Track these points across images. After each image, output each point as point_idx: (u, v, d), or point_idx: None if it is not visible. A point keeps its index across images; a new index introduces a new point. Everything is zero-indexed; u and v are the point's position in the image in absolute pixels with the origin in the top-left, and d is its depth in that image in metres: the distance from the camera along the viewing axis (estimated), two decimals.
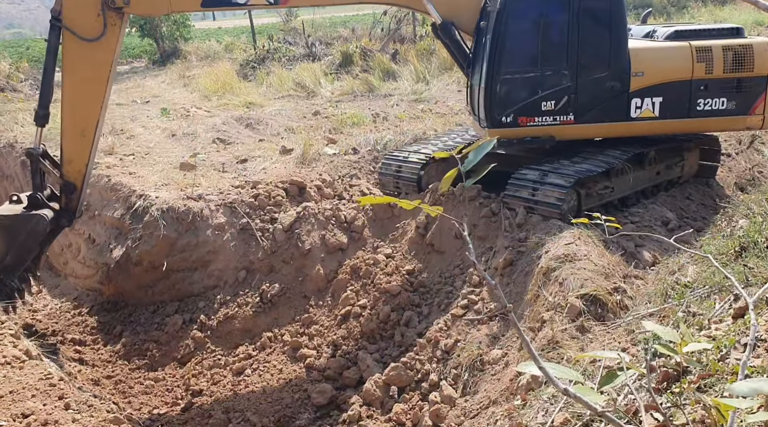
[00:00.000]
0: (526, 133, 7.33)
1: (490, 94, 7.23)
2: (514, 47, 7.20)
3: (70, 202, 7.10)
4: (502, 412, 4.70)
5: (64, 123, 6.83)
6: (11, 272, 6.93)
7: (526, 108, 7.27)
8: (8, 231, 6.81)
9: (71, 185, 7.01)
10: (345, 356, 6.88)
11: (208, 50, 25.82)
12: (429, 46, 18.67)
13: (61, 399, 4.39)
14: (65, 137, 6.90)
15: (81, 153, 6.93)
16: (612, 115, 7.42)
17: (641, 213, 7.25)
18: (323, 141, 10.73)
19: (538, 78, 7.25)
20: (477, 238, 7.12)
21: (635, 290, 5.57)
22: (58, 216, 7.03)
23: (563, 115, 7.33)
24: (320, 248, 7.82)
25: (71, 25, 6.50)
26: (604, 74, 7.27)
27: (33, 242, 6.91)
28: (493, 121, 7.27)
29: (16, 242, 6.83)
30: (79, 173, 7.02)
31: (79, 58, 6.63)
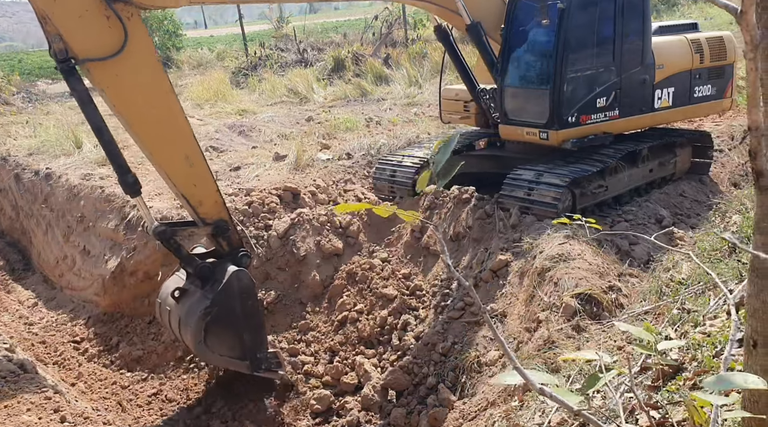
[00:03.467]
0: (587, 131, 7.39)
1: (558, 94, 7.17)
2: (578, 45, 7.21)
3: (231, 239, 6.12)
4: (499, 413, 4.69)
5: (162, 165, 5.56)
6: (261, 344, 6.23)
7: (585, 106, 7.33)
8: (222, 318, 5.86)
9: (221, 223, 5.95)
10: (343, 362, 6.86)
11: (200, 59, 25.86)
12: (421, 49, 18.73)
13: (57, 412, 4.37)
14: (177, 180, 5.61)
15: (205, 184, 5.78)
16: (642, 107, 7.76)
17: (635, 211, 7.27)
18: (317, 147, 10.73)
19: (595, 75, 7.33)
20: (472, 240, 7.12)
21: (630, 289, 5.58)
22: (236, 261, 6.08)
23: (612, 111, 7.48)
24: (316, 254, 7.81)
25: (87, 51, 5.01)
26: (638, 68, 7.48)
27: (253, 300, 6.08)
28: (561, 122, 7.23)
29: (239, 318, 5.98)
30: (218, 204, 5.93)
31: (121, 82, 5.17)
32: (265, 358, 6.24)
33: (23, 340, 7.84)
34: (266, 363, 6.24)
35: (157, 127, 5.42)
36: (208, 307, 5.80)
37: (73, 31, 4.93)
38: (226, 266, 6.01)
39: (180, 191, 5.73)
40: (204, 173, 5.77)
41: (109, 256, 8.45)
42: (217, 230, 5.99)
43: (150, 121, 5.37)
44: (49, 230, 10.14)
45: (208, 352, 5.95)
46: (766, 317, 1.66)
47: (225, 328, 5.95)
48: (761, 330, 1.67)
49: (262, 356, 6.21)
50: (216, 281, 5.92)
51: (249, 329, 6.10)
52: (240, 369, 6.30)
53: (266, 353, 6.28)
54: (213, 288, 5.90)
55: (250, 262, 6.40)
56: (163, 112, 5.42)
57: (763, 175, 1.48)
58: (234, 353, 6.10)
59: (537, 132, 7.36)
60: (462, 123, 9.30)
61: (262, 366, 6.22)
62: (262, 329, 6.31)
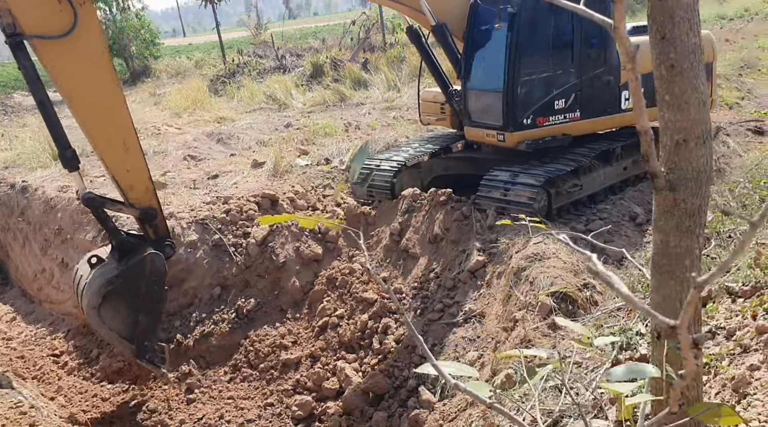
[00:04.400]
0: (545, 133, 7.44)
1: (511, 97, 7.24)
2: (531, 48, 7.28)
3: (157, 228, 6.17)
4: (477, 413, 4.73)
5: (99, 147, 5.70)
6: (153, 333, 6.24)
7: (542, 108, 7.39)
8: (126, 292, 5.92)
9: (149, 210, 6.01)
10: (324, 367, 6.86)
11: (178, 67, 25.76)
12: (399, 53, 18.80)
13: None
14: (109, 163, 5.74)
15: (137, 170, 5.88)
16: (608, 108, 7.78)
17: (609, 209, 7.36)
18: (295, 153, 10.73)
19: (551, 77, 7.38)
20: (450, 242, 7.16)
21: (604, 286, 5.64)
22: (157, 248, 6.11)
23: (572, 112, 7.50)
24: (295, 260, 7.81)
25: (35, 28, 5.13)
26: (601, 69, 7.52)
27: (160, 287, 6.11)
28: (515, 125, 7.32)
29: (141, 298, 6.01)
30: (148, 191, 6.01)
31: (66, 63, 5.32)
32: (152, 349, 6.27)
33: (1, 355, 7.76)
34: (151, 354, 6.27)
35: (96, 111, 5.56)
36: (115, 277, 5.87)
37: (22, 7, 5.08)
38: (147, 247, 6.08)
39: (112, 174, 5.83)
40: (138, 160, 5.87)
41: None
42: (145, 216, 6.05)
43: (90, 104, 5.52)
44: (26, 243, 10.04)
45: (99, 321, 5.96)
46: (668, 310, 1.71)
47: (123, 303, 5.99)
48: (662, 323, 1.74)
49: (149, 345, 6.24)
50: (133, 258, 5.98)
51: (146, 313, 6.14)
52: (124, 350, 6.33)
53: (155, 344, 6.32)
54: (126, 264, 5.95)
55: (173, 253, 6.44)
56: (104, 98, 5.56)
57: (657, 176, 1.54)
58: (124, 332, 6.12)
59: (495, 134, 7.50)
60: (439, 124, 9.36)
61: (146, 355, 6.24)
62: (158, 319, 6.36)
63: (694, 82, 1.62)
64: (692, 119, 1.65)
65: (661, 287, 1.70)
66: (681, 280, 1.69)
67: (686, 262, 1.67)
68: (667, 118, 1.68)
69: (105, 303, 5.91)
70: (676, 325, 1.04)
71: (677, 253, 1.67)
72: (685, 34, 1.59)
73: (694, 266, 1.69)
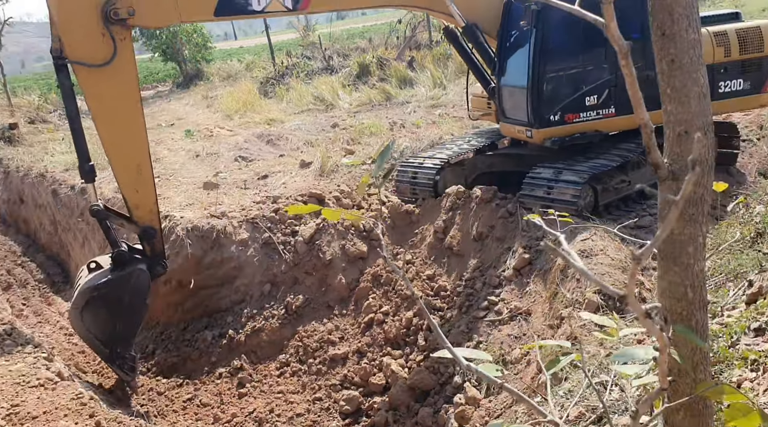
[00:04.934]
0: (574, 129, 7.38)
1: (537, 93, 7.23)
2: (558, 45, 7.25)
3: (154, 247, 6.64)
4: (523, 410, 4.73)
5: (115, 167, 6.24)
6: (127, 343, 6.63)
7: (571, 105, 7.32)
8: (108, 300, 6.34)
9: (149, 229, 6.49)
10: (370, 363, 6.96)
11: (229, 70, 26.29)
12: (445, 51, 18.75)
13: (92, 417, 4.55)
14: (122, 182, 6.30)
15: (146, 192, 6.40)
16: (648, 104, 7.48)
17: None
18: (341, 152, 10.87)
19: (581, 74, 7.30)
20: (495, 239, 7.15)
21: (654, 282, 5.55)
22: (150, 265, 6.60)
23: (606, 109, 7.40)
24: (341, 258, 7.93)
25: (78, 56, 5.79)
26: (639, 65, 7.38)
27: (140, 301, 6.50)
28: (541, 121, 7.32)
29: (121, 308, 6.40)
30: (152, 213, 6.50)
31: (101, 89, 5.93)
32: (123, 356, 6.65)
33: (64, 350, 8.12)
34: (122, 361, 6.66)
35: (120, 134, 6.17)
36: (101, 285, 6.32)
37: (70, 38, 5.78)
38: (138, 264, 6.53)
39: (123, 192, 6.43)
40: (148, 184, 6.41)
41: None
42: (145, 234, 6.55)
43: (115, 127, 6.12)
44: (85, 243, 10.48)
45: (79, 321, 6.44)
46: (673, 296, 1.72)
47: (104, 309, 6.40)
48: (670, 308, 1.77)
49: (121, 352, 6.63)
50: (122, 270, 6.43)
51: (124, 323, 6.55)
52: (97, 352, 6.78)
53: (127, 353, 6.70)
54: (116, 275, 6.40)
55: (161, 274, 6.82)
56: (128, 124, 6.16)
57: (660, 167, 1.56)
58: (100, 336, 6.53)
59: (524, 130, 7.46)
60: (485, 119, 9.35)
61: (116, 361, 6.65)
62: (134, 330, 6.75)
63: (694, 76, 1.66)
64: (693, 112, 1.69)
65: (666, 273, 1.73)
66: (685, 266, 1.71)
67: (690, 249, 1.69)
68: (669, 110, 1.71)
69: (88, 306, 6.36)
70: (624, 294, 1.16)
71: (681, 240, 1.70)
72: (684, 30, 1.63)
73: (698, 253, 1.70)
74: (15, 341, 5.64)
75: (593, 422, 3.52)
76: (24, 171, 13.17)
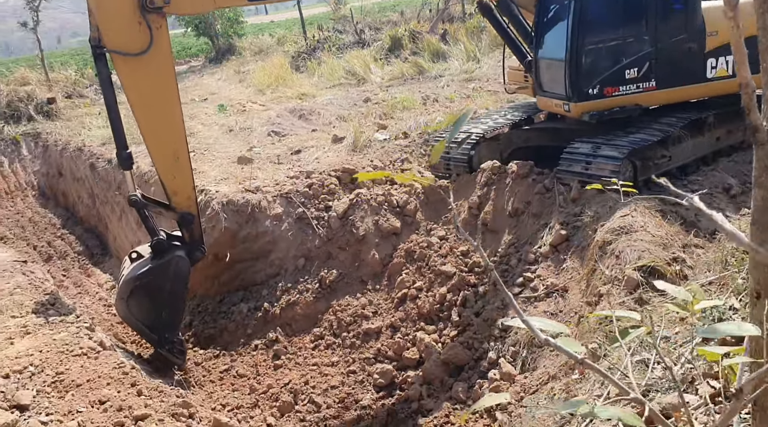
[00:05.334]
0: (613, 103, 7.22)
1: (575, 66, 7.07)
2: (597, 16, 7.08)
3: (193, 233, 6.73)
4: (560, 386, 4.70)
5: (153, 153, 6.33)
6: (174, 328, 6.80)
7: (610, 78, 7.14)
8: (151, 288, 6.51)
9: (187, 215, 6.60)
10: (404, 338, 6.98)
11: (261, 45, 26.29)
12: (479, 23, 18.42)
13: (134, 386, 4.66)
14: (160, 169, 6.39)
15: (183, 179, 6.48)
16: (690, 77, 7.36)
17: (701, 181, 7.02)
18: (374, 127, 10.81)
19: (621, 46, 7.12)
20: (531, 215, 7.06)
21: (695, 260, 5.42)
22: (189, 251, 6.71)
23: (646, 82, 7.22)
24: (374, 234, 7.93)
25: (116, 45, 5.87)
26: (682, 36, 7.18)
27: (182, 286, 6.67)
28: (579, 95, 7.17)
29: (164, 295, 6.56)
30: (189, 199, 6.60)
31: (138, 78, 5.99)
32: (171, 341, 6.82)
33: (103, 320, 8.31)
34: (171, 346, 6.82)
35: (157, 121, 6.24)
36: (143, 274, 6.47)
37: (108, 27, 5.86)
38: (177, 251, 6.64)
39: (161, 178, 6.49)
40: (185, 170, 6.47)
41: None
42: (183, 221, 6.64)
43: (152, 115, 6.19)
44: (123, 216, 10.66)
45: (125, 310, 6.66)
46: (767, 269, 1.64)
47: (148, 298, 6.56)
48: (763, 282, 1.68)
49: (169, 337, 6.80)
50: (162, 258, 6.55)
51: (169, 309, 6.71)
52: (146, 339, 6.97)
53: (174, 337, 6.85)
54: (157, 262, 6.54)
55: (201, 258, 6.93)
56: (165, 111, 6.22)
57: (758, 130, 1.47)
58: (147, 323, 6.72)
59: (561, 104, 7.29)
60: (522, 93, 9.19)
61: (166, 346, 6.81)
62: (179, 315, 6.92)
63: None
64: None
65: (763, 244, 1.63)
66: None
67: None
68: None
69: (132, 296, 6.53)
70: None
71: None
72: None
73: None
74: (58, 311, 5.78)
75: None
76: (62, 145, 13.42)
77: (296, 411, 6.55)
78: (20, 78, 18.83)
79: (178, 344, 6.93)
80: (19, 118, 15.82)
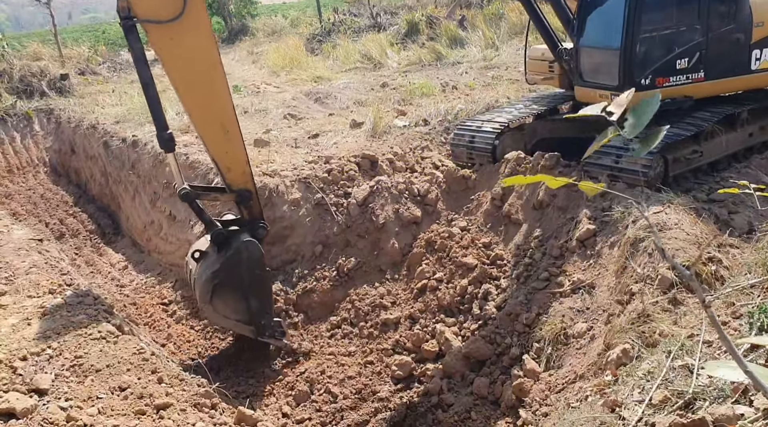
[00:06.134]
0: (664, 94, 6.98)
1: (629, 55, 6.83)
2: (653, 3, 6.86)
3: (252, 209, 6.40)
4: (591, 387, 4.55)
5: (201, 129, 5.91)
6: (267, 311, 6.62)
7: (662, 68, 6.94)
8: (230, 283, 6.26)
9: (244, 192, 6.26)
10: (423, 329, 6.85)
11: (274, 26, 26.03)
12: (497, 10, 18.16)
13: (155, 373, 4.54)
14: (210, 145, 5.96)
15: (235, 153, 6.09)
16: (736, 68, 7.20)
17: (734, 178, 6.83)
18: (393, 113, 10.62)
19: (674, 34, 6.92)
20: (556, 208, 6.89)
21: (731, 260, 5.26)
22: (251, 231, 6.39)
23: (695, 73, 7.02)
24: (394, 222, 7.78)
25: (146, 13, 5.35)
26: (730, 27, 6.97)
27: (260, 269, 6.41)
28: (632, 84, 6.87)
29: (246, 284, 6.33)
30: (245, 175, 6.24)
31: (174, 47, 5.47)
32: (269, 325, 6.61)
33: (116, 301, 8.21)
34: (270, 330, 6.64)
35: (200, 93, 5.75)
36: (217, 271, 6.19)
37: None
38: (241, 236, 6.31)
39: (212, 155, 6.08)
40: (237, 143, 6.05)
41: (194, 221, 8.67)
42: (241, 199, 6.29)
43: (195, 87, 5.71)
44: (136, 195, 10.53)
45: (213, 313, 6.40)
46: None
47: (231, 293, 6.33)
48: None
49: (266, 322, 6.59)
50: (229, 248, 6.24)
51: (255, 296, 6.45)
52: (245, 332, 6.68)
53: (271, 320, 6.64)
54: (225, 254, 6.24)
55: (266, 234, 6.59)
56: (208, 81, 5.73)
57: None
58: (239, 317, 6.49)
59: (609, 95, 7.03)
60: (546, 84, 8.98)
61: (266, 332, 6.63)
62: (268, 298, 6.67)
63: None
64: None
65: None
66: None
67: None
68: None
69: (215, 297, 6.29)
70: None
71: None
72: None
73: None
74: (75, 293, 5.65)
75: (680, 408, 3.33)
76: (75, 122, 13.28)
77: (312, 401, 6.44)
78: (33, 53, 18.65)
79: (277, 326, 6.73)
80: (32, 93, 15.68)
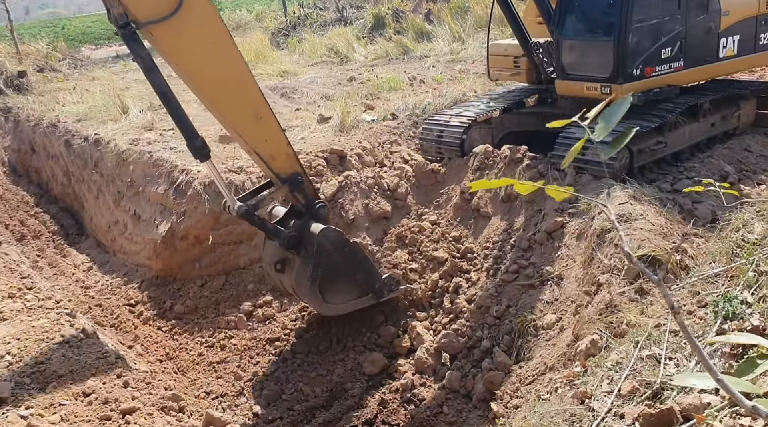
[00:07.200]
0: (651, 84, 7.04)
1: (623, 45, 6.79)
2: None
3: (306, 193, 6.08)
4: (560, 378, 4.59)
5: (233, 124, 5.53)
6: (375, 274, 6.55)
7: (650, 58, 6.97)
8: (330, 275, 6.14)
9: (295, 177, 5.87)
10: (395, 325, 6.83)
11: (239, 20, 25.65)
12: (463, 3, 18.19)
13: (120, 377, 4.45)
14: (247, 138, 5.55)
15: (275, 138, 5.68)
16: (708, 57, 7.34)
17: (697, 168, 6.96)
18: (361, 107, 10.56)
19: (660, 24, 6.95)
20: (525, 201, 6.92)
21: (696, 249, 5.35)
22: (315, 216, 6.13)
23: (676, 62, 7.11)
24: (364, 217, 7.73)
25: (147, 12, 4.85)
26: (704, 15, 7.07)
27: (347, 245, 6.28)
28: (625, 76, 6.87)
29: (345, 267, 6.24)
30: (290, 157, 5.85)
31: (182, 42, 5.02)
32: (384, 284, 6.58)
33: (81, 303, 8.03)
34: (387, 287, 6.60)
35: (223, 85, 5.27)
36: (312, 272, 6.05)
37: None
38: (310, 226, 6.08)
39: (252, 148, 5.63)
40: (273, 127, 5.65)
41: (160, 220, 8.52)
42: (293, 185, 5.90)
43: (215, 79, 5.23)
44: (100, 195, 10.29)
45: (333, 308, 6.41)
46: None
47: (336, 281, 6.26)
48: None
49: (380, 284, 6.55)
50: (309, 244, 6.02)
51: (357, 270, 6.39)
52: (367, 304, 6.63)
53: (383, 279, 6.59)
54: (309, 252, 6.04)
55: (328, 211, 6.44)
56: (227, 69, 5.25)
57: None
58: (355, 295, 6.47)
59: (599, 86, 7.03)
60: (511, 80, 9.00)
61: (384, 292, 6.59)
62: (368, 263, 6.57)
63: None
64: None
65: None
66: None
67: None
68: None
69: (325, 295, 6.23)
70: None
71: None
72: None
73: None
74: (36, 296, 5.49)
75: (648, 397, 3.36)
76: (35, 120, 12.91)
77: (283, 400, 6.38)
78: None
79: (388, 280, 6.65)
80: None
